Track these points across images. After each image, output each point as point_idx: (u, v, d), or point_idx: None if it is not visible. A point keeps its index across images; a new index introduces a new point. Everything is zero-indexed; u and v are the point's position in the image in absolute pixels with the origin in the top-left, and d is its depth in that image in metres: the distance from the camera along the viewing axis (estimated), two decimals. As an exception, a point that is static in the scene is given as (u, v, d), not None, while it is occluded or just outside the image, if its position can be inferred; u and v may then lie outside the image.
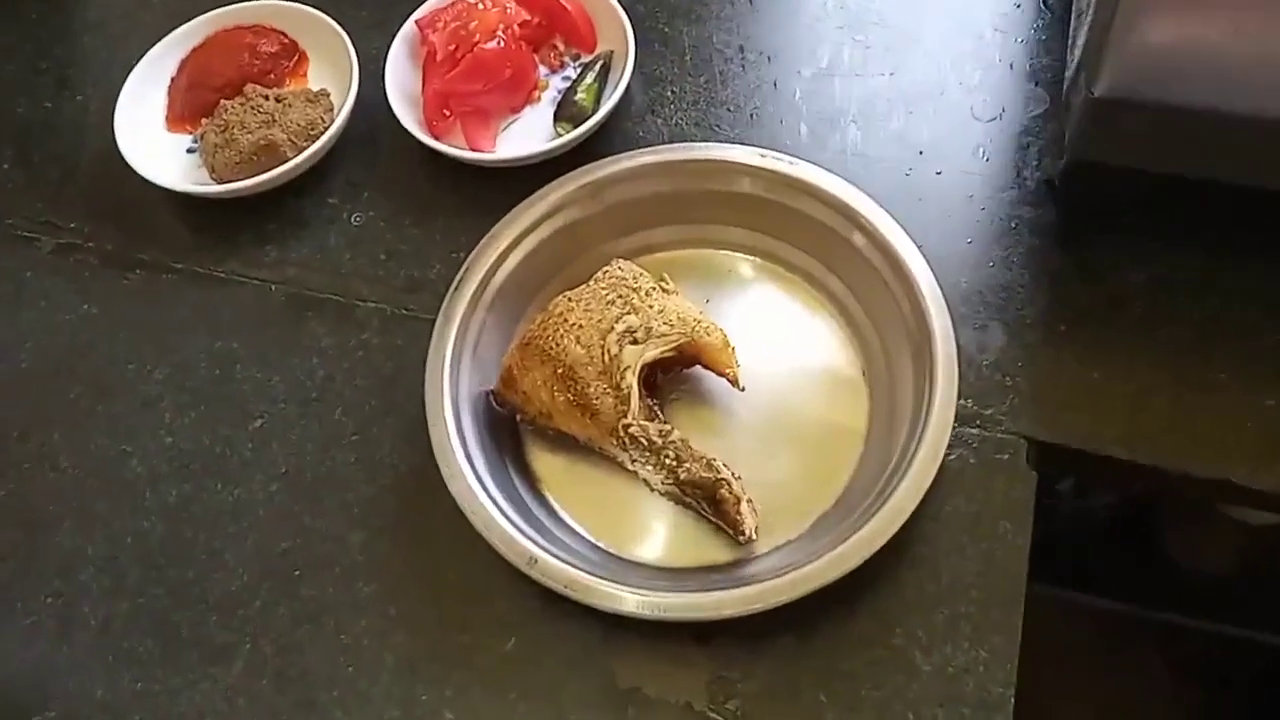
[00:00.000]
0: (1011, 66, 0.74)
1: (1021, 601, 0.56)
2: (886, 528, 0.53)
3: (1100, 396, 0.61)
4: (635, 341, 0.58)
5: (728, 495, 0.56)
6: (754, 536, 0.56)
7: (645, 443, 0.58)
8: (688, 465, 0.57)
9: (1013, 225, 0.67)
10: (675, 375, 0.62)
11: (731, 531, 0.57)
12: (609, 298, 0.60)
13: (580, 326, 0.59)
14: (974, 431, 0.60)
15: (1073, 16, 0.65)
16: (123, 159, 0.72)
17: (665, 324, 0.59)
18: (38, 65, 0.83)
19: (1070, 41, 0.64)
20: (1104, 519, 1.01)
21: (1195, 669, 0.99)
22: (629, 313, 0.59)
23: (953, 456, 0.59)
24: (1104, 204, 0.66)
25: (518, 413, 0.62)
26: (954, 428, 0.56)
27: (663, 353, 0.59)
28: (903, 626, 0.56)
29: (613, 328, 0.58)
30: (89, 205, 0.75)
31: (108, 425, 0.66)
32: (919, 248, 0.61)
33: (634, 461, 0.59)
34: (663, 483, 0.58)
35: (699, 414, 0.62)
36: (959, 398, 0.57)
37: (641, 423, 0.58)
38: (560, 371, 0.59)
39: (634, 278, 0.61)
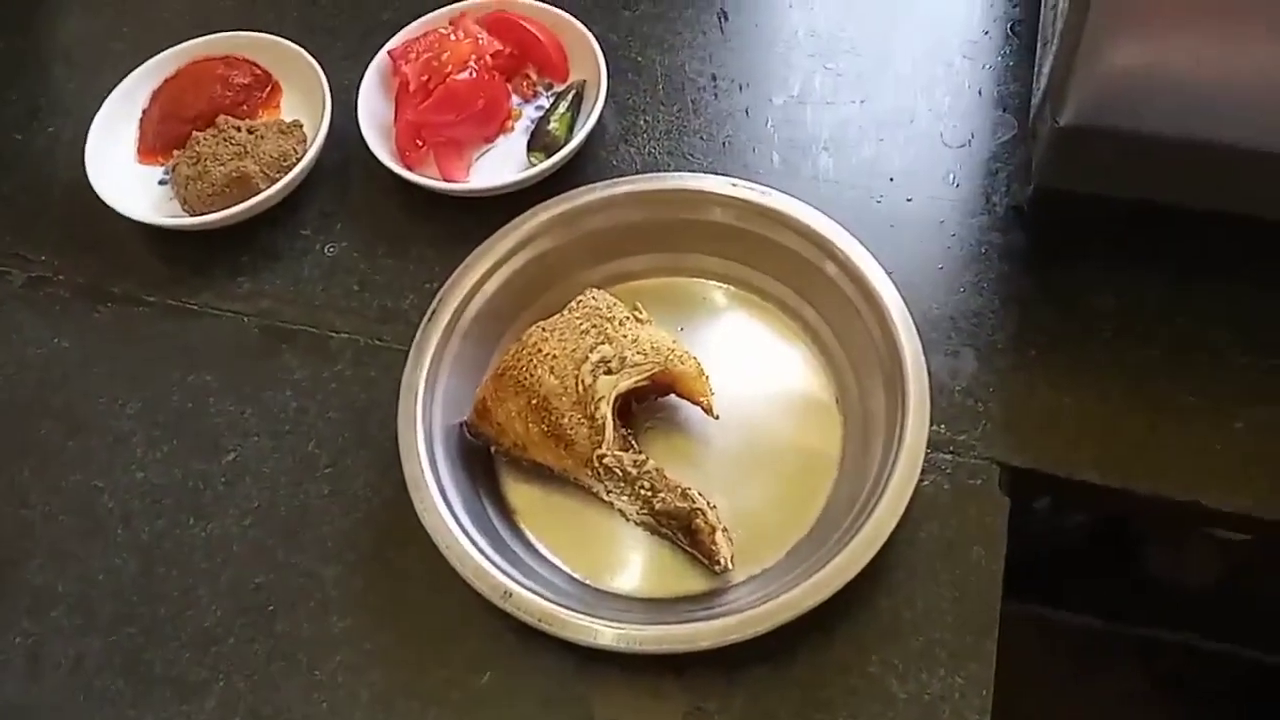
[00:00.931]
0: (980, 93, 0.74)
1: (996, 627, 0.56)
2: (861, 556, 0.53)
3: (1072, 421, 0.61)
4: (609, 371, 0.58)
5: (703, 525, 0.56)
6: (730, 566, 0.56)
7: (620, 473, 0.58)
8: (663, 495, 0.57)
9: (983, 251, 0.68)
10: (649, 404, 0.62)
11: (707, 561, 0.57)
12: (583, 327, 0.60)
13: (554, 357, 0.59)
14: (947, 457, 0.61)
15: (1039, 45, 0.65)
16: (94, 191, 0.71)
17: (639, 353, 0.59)
18: (7, 95, 0.83)
19: (1036, 70, 0.64)
20: (1079, 535, 1.01)
21: (1175, 683, 1.00)
22: (603, 342, 0.59)
23: (926, 482, 0.59)
24: (1072, 229, 0.67)
25: (492, 444, 0.61)
26: (927, 454, 0.56)
27: (637, 382, 0.59)
28: (879, 654, 0.56)
29: (587, 358, 0.58)
30: (60, 237, 0.75)
31: (79, 460, 0.66)
32: (890, 275, 0.61)
33: (609, 492, 0.59)
34: (638, 513, 0.58)
35: (674, 443, 0.62)
36: (931, 423, 0.57)
37: (616, 453, 0.58)
38: (535, 402, 0.59)
39: (608, 307, 0.61)
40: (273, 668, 0.58)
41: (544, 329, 0.60)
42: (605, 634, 0.53)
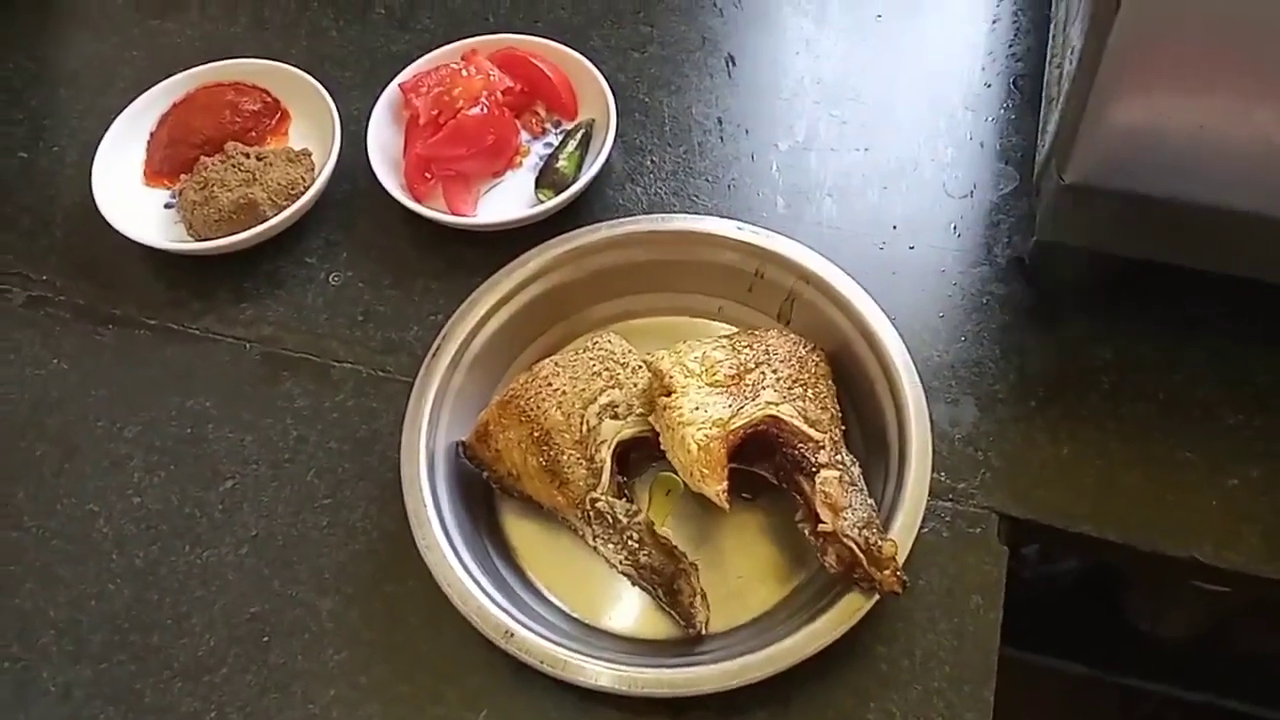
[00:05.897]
0: (982, 145, 0.76)
1: (993, 676, 0.56)
2: (862, 602, 0.54)
3: (1070, 472, 0.62)
4: (615, 416, 0.59)
5: (684, 587, 0.56)
6: (704, 631, 0.56)
7: (610, 519, 0.57)
8: (649, 550, 0.57)
9: (984, 301, 0.68)
10: (647, 455, 0.61)
11: (683, 622, 0.57)
12: (595, 369, 0.60)
13: (563, 393, 0.59)
14: (947, 505, 0.61)
15: (1043, 102, 0.67)
16: (98, 212, 0.71)
17: (646, 405, 0.59)
18: (13, 115, 0.83)
19: (1040, 127, 0.65)
20: (1066, 583, 1.02)
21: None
22: (613, 387, 0.59)
23: (926, 530, 0.59)
24: (1073, 282, 0.68)
25: (485, 469, 0.61)
26: (927, 501, 0.56)
27: (640, 432, 0.59)
28: (877, 701, 0.56)
29: (595, 399, 0.59)
30: (62, 258, 0.75)
31: (75, 484, 0.65)
32: (892, 322, 0.62)
33: (595, 537, 0.58)
34: (621, 562, 0.58)
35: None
36: (931, 471, 0.57)
37: (610, 499, 0.57)
38: (536, 435, 0.59)
39: (623, 353, 0.61)
40: (266, 700, 0.58)
41: (557, 363, 0.61)
42: (606, 676, 0.53)
